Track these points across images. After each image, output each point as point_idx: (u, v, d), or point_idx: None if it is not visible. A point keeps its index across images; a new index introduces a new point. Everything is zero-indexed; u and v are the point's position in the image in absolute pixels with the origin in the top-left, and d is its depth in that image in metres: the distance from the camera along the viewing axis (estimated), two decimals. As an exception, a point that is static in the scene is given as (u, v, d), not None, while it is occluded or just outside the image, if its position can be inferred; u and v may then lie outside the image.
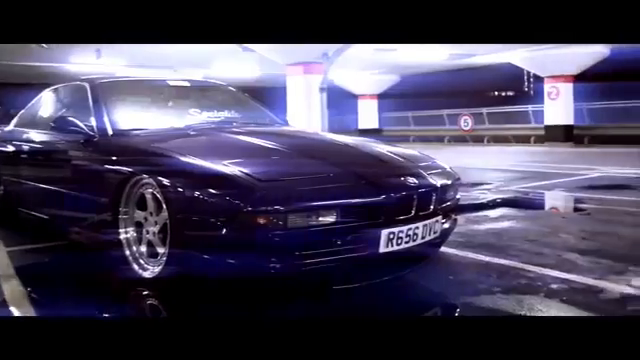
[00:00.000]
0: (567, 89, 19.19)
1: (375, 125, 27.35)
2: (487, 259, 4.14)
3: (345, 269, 3.18)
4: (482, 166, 12.34)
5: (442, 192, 3.66)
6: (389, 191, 3.25)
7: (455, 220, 4.11)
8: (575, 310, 3.06)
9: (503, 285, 3.49)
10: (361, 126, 27.33)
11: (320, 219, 3.04)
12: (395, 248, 3.24)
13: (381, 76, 25.27)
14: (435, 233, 3.56)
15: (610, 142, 18.06)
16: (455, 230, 4.41)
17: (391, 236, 3.19)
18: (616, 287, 3.43)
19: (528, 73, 20.12)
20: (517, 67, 20.03)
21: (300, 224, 2.99)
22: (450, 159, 4.62)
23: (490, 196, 7.60)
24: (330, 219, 3.05)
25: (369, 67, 22.61)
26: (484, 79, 24.62)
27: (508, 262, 4.03)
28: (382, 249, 3.18)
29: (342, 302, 3.20)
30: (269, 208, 2.93)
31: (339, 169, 3.38)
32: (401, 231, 3.24)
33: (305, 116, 12.66)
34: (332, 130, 15.86)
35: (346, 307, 3.15)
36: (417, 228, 3.36)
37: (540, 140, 19.75)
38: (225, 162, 3.24)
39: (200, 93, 5.38)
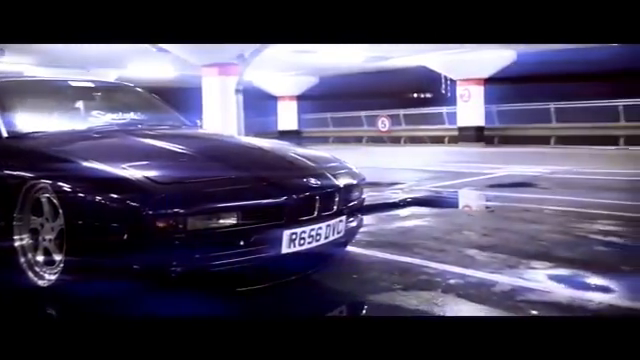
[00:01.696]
0: (478, 92, 19.97)
1: (295, 127, 27.47)
2: (392, 257, 4.25)
3: (248, 271, 3.19)
4: (397, 166, 12.63)
5: (346, 192, 3.74)
6: (291, 192, 3.28)
7: (361, 219, 4.20)
8: (468, 303, 3.20)
9: (404, 282, 3.60)
10: (281, 128, 27.38)
11: (221, 221, 3.03)
12: (298, 248, 3.28)
13: (300, 78, 25.41)
14: (339, 233, 3.62)
15: (518, 142, 18.93)
16: (363, 229, 4.52)
17: (293, 237, 3.23)
18: (507, 280, 3.61)
19: (445, 76, 20.73)
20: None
21: (201, 227, 2.98)
22: (367, 160, 4.71)
23: (402, 195, 7.80)
24: (231, 221, 3.06)
25: (288, 69, 22.67)
26: (403, 81, 25.17)
27: (411, 260, 4.16)
28: (285, 250, 3.21)
29: (246, 304, 3.21)
30: (168, 211, 2.90)
31: (241, 171, 3.38)
32: (304, 232, 3.28)
33: (221, 118, 12.55)
34: (252, 132, 15.81)
35: (250, 309, 3.16)
36: (320, 228, 3.41)
37: (454, 140, 20.44)
38: (125, 165, 3.18)
39: (105, 94, 5.23)
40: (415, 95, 28.14)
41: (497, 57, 18.75)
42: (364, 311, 3.37)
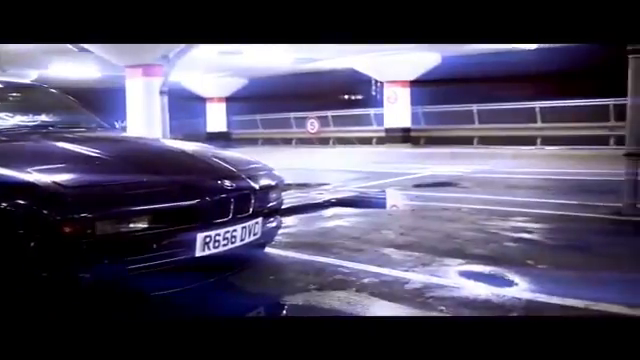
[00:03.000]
0: (405, 94, 20.41)
1: (224, 128, 27.24)
2: (309, 258, 4.31)
3: (162, 275, 3.16)
4: (324, 167, 12.75)
5: (263, 194, 3.76)
6: (204, 195, 3.28)
7: (280, 221, 4.23)
8: (380, 301, 3.29)
9: (319, 282, 3.66)
10: (210, 129, 27.09)
11: (132, 225, 2.99)
12: (213, 251, 3.27)
13: (228, 79, 25.22)
14: (256, 235, 3.64)
15: (443, 143, 19.44)
16: (284, 231, 4.54)
17: (207, 239, 3.22)
18: (420, 277, 3.73)
19: (375, 78, 21.08)
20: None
21: (111, 231, 2.93)
22: (295, 161, 4.75)
23: (326, 196, 7.88)
24: (143, 225, 3.02)
25: (216, 70, 22.45)
26: (333, 83, 25.37)
27: (328, 260, 4.22)
28: (199, 253, 3.20)
29: (161, 308, 3.18)
30: (76, 216, 2.84)
31: (154, 175, 3.35)
32: (218, 234, 3.29)
33: (145, 120, 12.30)
34: (181, 134, 15.54)
35: (166, 312, 3.13)
36: (235, 230, 3.42)
37: (381, 142, 20.79)
38: (31, 169, 3.09)
39: (15, 95, 5.04)
40: (346, 97, 28.41)
41: (423, 60, 19.20)
42: (281, 312, 3.40)
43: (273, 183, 4.02)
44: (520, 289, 3.50)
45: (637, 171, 6.10)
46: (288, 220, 5.86)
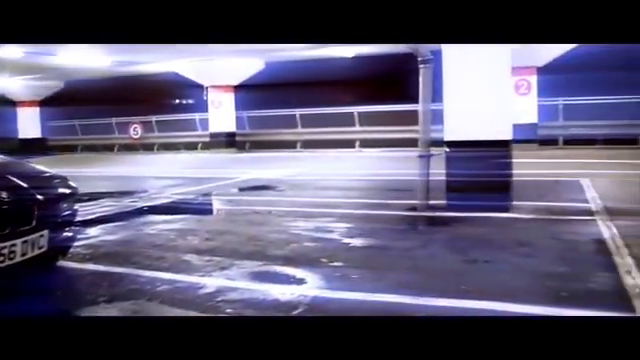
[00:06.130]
0: (229, 98, 20.45)
1: (38, 134, 25.34)
2: (106, 269, 4.18)
3: None
4: (143, 174, 12.38)
5: (50, 205, 3.59)
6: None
7: (76, 232, 4.07)
8: (170, 308, 3.28)
9: (111, 294, 3.57)
10: (22, 136, 25.04)
11: None
12: (-13, 269, 3.07)
13: (41, 82, 23.50)
14: (42, 248, 3.47)
15: (268, 147, 19.79)
16: (84, 242, 4.38)
17: (-22, 257, 3.02)
18: (215, 282, 3.79)
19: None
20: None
21: None
22: (113, 169, 4.54)
23: (139, 204, 7.68)
24: None
25: (26, 72, 20.83)
26: (157, 87, 24.68)
27: (125, 270, 4.14)
28: (-32, 272, 2.99)
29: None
30: None
31: None
32: (-9, 250, 3.09)
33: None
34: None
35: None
36: (15, 245, 3.24)
37: (207, 147, 20.64)
38: None
39: None
40: (172, 101, 27.79)
41: (246, 65, 19.37)
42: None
43: (66, 192, 3.86)
44: (309, 287, 3.69)
45: (428, 171, 6.69)
46: (92, 230, 5.65)
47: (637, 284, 3.53)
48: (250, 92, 20.69)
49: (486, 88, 6.60)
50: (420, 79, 6.97)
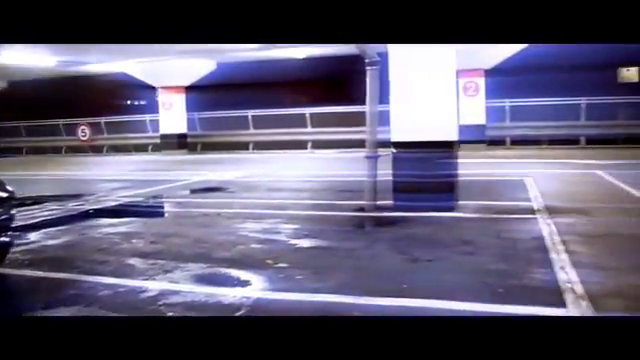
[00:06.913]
0: (180, 99, 20.20)
1: (-20, 137, 24.54)
2: (45, 275, 4.10)
3: None
4: (91, 177, 12.15)
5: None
6: None
7: (11, 238, 3.97)
8: (110, 314, 3.24)
9: (49, 299, 3.50)
10: (-36, 138, 24.22)
11: None
12: None
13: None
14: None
15: (220, 148, 19.66)
16: (24, 247, 4.28)
17: None
18: (157, 285, 3.76)
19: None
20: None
21: None
22: (58, 172, 4.42)
23: (85, 207, 7.54)
24: None
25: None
26: (106, 88, 24.18)
27: (66, 275, 4.06)
28: None
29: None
30: None
31: None
32: None
33: None
34: None
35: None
36: (-55, 252, 3.14)
37: (157, 148, 20.36)
38: None
39: None
40: (122, 102, 27.27)
41: (197, 66, 19.18)
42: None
43: (2, 196, 3.76)
44: (252, 288, 3.70)
45: (376, 172, 6.78)
46: (33, 235, 5.52)
47: (569, 279, 3.66)
48: (202, 93, 20.52)
49: (431, 89, 6.72)
50: (367, 81, 7.07)
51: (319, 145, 18.43)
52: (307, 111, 19.13)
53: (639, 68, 20.77)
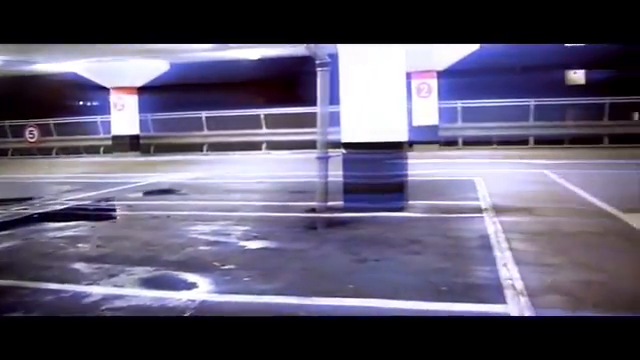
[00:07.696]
0: (132, 100, 19.86)
1: None
2: (-16, 281, 3.98)
3: None
4: (39, 180, 11.86)
5: None
6: None
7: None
8: (49, 318, 3.17)
9: (-13, 306, 3.41)
10: None
11: None
12: None
13: None
14: None
15: (174, 150, 19.40)
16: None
17: None
18: (102, 290, 3.70)
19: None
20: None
21: None
22: (6, 175, 4.26)
23: (30, 211, 7.35)
24: None
25: None
26: (59, 87, 23.60)
27: (6, 282, 3.96)
28: None
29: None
30: None
31: None
32: None
33: None
34: None
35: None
36: None
37: (109, 150, 19.98)
38: None
39: None
40: (72, 103, 26.68)
41: (150, 66, 18.90)
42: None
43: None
44: (198, 291, 3.68)
45: (327, 173, 6.82)
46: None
47: (510, 276, 3.76)
48: (155, 94, 20.24)
49: (381, 90, 6.79)
50: (318, 82, 7.10)
51: (274, 146, 18.40)
52: (262, 112, 19.08)
53: (585, 71, 21.50)
